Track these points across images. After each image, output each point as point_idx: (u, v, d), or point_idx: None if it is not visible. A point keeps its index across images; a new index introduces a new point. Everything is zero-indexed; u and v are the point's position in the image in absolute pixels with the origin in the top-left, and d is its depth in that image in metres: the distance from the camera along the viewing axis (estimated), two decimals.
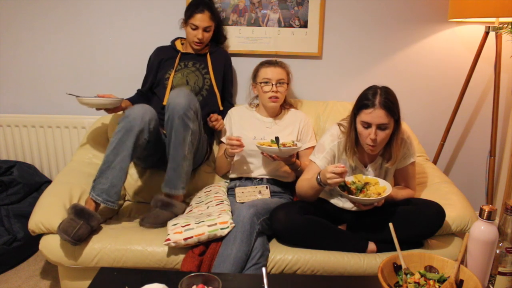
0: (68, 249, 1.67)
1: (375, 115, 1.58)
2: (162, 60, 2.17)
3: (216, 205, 1.82)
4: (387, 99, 1.59)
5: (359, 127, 1.65)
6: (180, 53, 2.14)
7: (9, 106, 2.49)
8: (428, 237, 1.73)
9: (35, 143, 2.47)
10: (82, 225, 1.60)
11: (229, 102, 2.27)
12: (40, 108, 2.49)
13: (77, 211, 1.64)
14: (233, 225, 1.63)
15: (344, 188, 1.64)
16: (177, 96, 1.75)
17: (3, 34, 2.38)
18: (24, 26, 2.37)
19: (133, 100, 2.14)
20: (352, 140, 1.71)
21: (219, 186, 2.04)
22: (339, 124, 1.80)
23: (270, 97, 2.01)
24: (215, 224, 1.62)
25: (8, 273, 2.07)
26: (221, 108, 2.17)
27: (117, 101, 1.95)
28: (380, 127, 1.60)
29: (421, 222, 1.64)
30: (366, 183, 1.64)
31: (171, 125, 1.77)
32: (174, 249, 1.65)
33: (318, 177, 1.65)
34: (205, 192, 2.00)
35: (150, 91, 2.21)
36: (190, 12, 2.07)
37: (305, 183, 1.76)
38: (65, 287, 1.79)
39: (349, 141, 1.72)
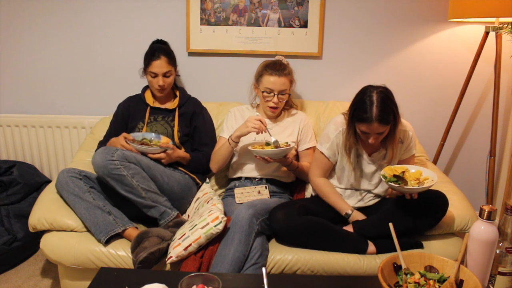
0: (68, 248, 1.67)
1: (372, 128, 1.63)
2: (130, 109, 2.13)
3: (206, 202, 1.81)
4: (382, 112, 1.60)
5: (358, 130, 1.70)
6: (149, 107, 2.11)
7: (9, 106, 2.49)
8: (433, 226, 1.73)
9: (35, 143, 2.47)
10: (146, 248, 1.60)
11: (199, 151, 2.10)
12: (40, 108, 2.49)
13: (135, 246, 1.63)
14: (225, 218, 1.61)
15: (398, 182, 1.60)
16: (94, 159, 1.71)
17: (3, 34, 2.38)
18: (25, 26, 2.37)
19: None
20: (351, 141, 1.74)
21: (203, 190, 2.01)
22: (344, 113, 1.82)
23: (270, 107, 2.02)
24: (207, 224, 1.60)
25: (8, 273, 2.07)
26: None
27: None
28: (378, 133, 1.65)
29: (424, 211, 1.67)
30: (403, 171, 1.66)
31: (109, 185, 1.75)
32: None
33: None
34: (195, 202, 1.97)
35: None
36: (147, 61, 2.05)
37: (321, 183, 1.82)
38: (65, 287, 1.79)
39: (348, 142, 1.75)
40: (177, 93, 2.18)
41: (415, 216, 1.67)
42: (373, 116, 1.60)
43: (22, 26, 2.37)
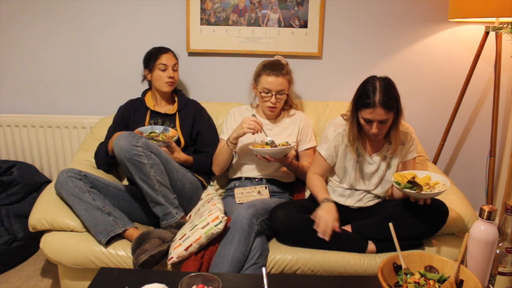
0: (68, 248, 1.67)
1: (376, 113, 1.62)
2: (131, 111, 2.13)
3: (207, 202, 1.81)
4: (386, 97, 1.61)
5: (361, 121, 1.69)
6: (149, 110, 2.11)
7: (9, 106, 2.49)
8: (432, 235, 1.73)
9: (35, 143, 2.47)
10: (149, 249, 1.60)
11: (204, 152, 2.13)
12: (40, 108, 2.49)
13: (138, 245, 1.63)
14: (225, 218, 1.61)
15: (414, 188, 1.59)
16: (118, 142, 1.71)
17: (3, 34, 2.38)
18: (24, 26, 2.37)
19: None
20: (355, 133, 1.74)
21: (206, 191, 2.02)
22: (343, 115, 1.83)
23: (268, 107, 2.02)
24: (208, 224, 1.60)
25: (8, 273, 2.07)
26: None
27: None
28: (382, 121, 1.65)
29: (424, 220, 1.66)
30: (413, 177, 1.65)
31: (126, 170, 1.75)
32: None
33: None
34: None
35: None
36: (154, 56, 2.08)
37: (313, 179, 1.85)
38: (65, 287, 1.79)
39: (352, 133, 1.74)
40: (175, 97, 2.18)
41: (415, 223, 1.66)
42: (377, 100, 1.60)
43: (22, 26, 2.37)
